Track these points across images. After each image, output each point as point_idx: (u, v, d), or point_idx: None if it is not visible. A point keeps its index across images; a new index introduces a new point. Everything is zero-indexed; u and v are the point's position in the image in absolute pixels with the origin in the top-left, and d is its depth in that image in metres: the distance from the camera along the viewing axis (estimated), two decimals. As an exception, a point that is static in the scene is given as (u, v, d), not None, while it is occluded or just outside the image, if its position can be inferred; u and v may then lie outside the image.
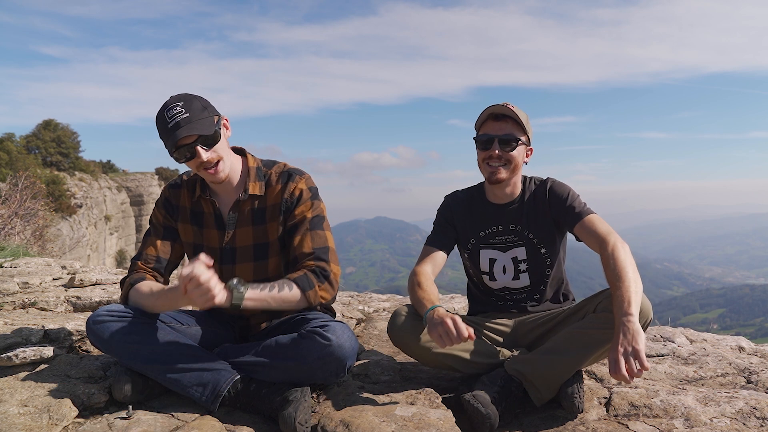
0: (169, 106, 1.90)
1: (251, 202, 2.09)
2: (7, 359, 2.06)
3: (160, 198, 2.21)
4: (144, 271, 2.08)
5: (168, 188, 2.21)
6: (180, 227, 2.16)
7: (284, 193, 2.07)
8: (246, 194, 2.07)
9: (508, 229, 2.27)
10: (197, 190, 2.12)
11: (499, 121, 2.18)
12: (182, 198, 2.16)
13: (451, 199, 2.39)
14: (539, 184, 2.28)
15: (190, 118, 1.88)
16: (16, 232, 8.42)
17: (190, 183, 2.18)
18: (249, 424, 1.80)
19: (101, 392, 1.89)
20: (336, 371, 1.91)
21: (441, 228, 2.35)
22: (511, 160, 2.17)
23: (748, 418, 1.81)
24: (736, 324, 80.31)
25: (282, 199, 2.07)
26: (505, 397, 1.92)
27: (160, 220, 2.16)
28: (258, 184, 2.09)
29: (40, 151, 32.38)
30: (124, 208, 38.94)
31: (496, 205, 2.29)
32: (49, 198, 14.51)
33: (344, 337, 1.89)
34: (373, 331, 2.99)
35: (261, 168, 2.13)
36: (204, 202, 2.13)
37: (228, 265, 2.11)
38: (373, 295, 4.29)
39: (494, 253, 2.29)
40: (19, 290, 3.31)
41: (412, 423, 1.74)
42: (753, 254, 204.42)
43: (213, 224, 2.12)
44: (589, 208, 2.17)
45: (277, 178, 2.10)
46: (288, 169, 2.12)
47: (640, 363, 1.64)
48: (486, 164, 2.20)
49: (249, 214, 2.09)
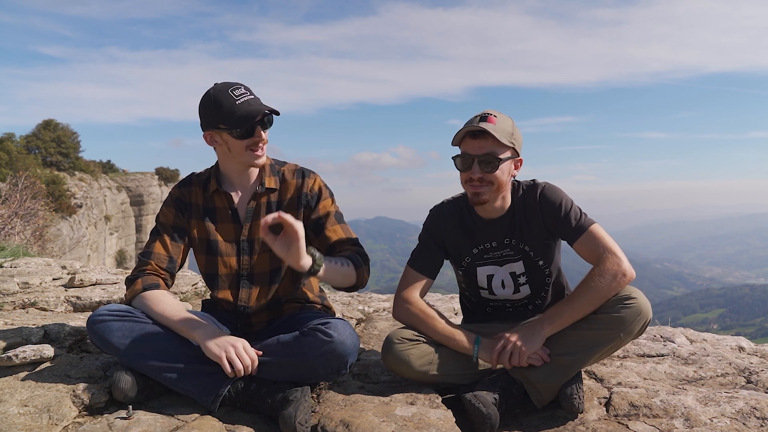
0: (233, 85, 2.02)
1: (267, 196, 2.16)
2: (7, 359, 2.06)
3: (168, 198, 2.22)
4: (157, 274, 2.08)
5: (178, 187, 2.23)
6: (193, 224, 2.17)
7: (303, 187, 2.17)
8: (263, 187, 2.14)
9: (503, 243, 2.17)
10: (213, 185, 2.16)
11: (478, 138, 1.99)
12: (194, 195, 2.19)
13: (438, 216, 2.23)
14: (528, 190, 2.14)
15: (259, 100, 2.03)
16: (16, 232, 8.42)
17: (201, 180, 2.21)
18: (249, 424, 1.79)
19: (101, 392, 1.89)
20: (338, 368, 1.91)
21: (428, 250, 2.20)
22: (493, 180, 2.01)
23: (748, 418, 1.81)
24: (736, 324, 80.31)
25: (301, 193, 2.16)
26: (506, 399, 1.91)
27: (170, 219, 2.17)
28: (273, 179, 2.18)
29: (40, 151, 32.37)
30: (124, 208, 38.93)
31: (486, 220, 2.17)
32: (49, 198, 14.51)
33: (346, 333, 1.89)
34: (373, 331, 2.99)
35: (274, 165, 2.22)
36: (218, 197, 2.16)
37: (246, 256, 2.15)
38: (373, 295, 4.29)
39: (491, 268, 2.21)
40: (19, 290, 3.31)
41: (412, 423, 1.73)
42: (753, 254, 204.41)
43: (228, 218, 2.16)
44: (586, 218, 2.05)
45: (292, 174, 2.20)
46: (301, 167, 2.22)
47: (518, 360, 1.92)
48: (468, 186, 2.06)
49: (265, 206, 2.15)
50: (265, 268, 2.16)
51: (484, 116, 2.01)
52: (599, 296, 1.91)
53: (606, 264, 1.93)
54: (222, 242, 2.15)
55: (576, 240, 2.03)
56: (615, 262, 1.93)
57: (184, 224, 2.17)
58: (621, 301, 1.92)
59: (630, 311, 1.90)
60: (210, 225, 2.16)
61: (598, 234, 2.01)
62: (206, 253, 2.16)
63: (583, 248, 2.02)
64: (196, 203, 2.18)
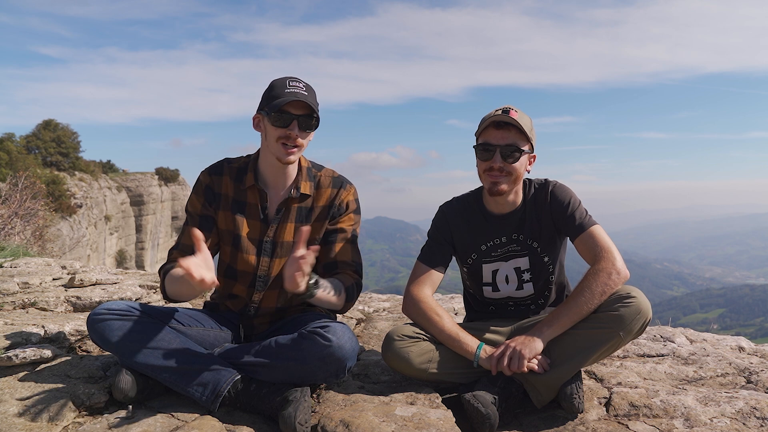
0: (294, 79, 2.02)
1: (300, 200, 2.13)
2: (7, 359, 2.06)
3: (198, 184, 2.17)
4: None
5: (209, 174, 2.17)
6: (220, 215, 2.14)
7: (336, 199, 2.14)
8: (298, 192, 2.11)
9: (511, 239, 2.20)
10: (249, 179, 2.12)
11: (501, 129, 2.05)
12: (224, 185, 2.15)
13: (448, 211, 2.27)
14: (539, 188, 2.20)
15: (308, 97, 1.98)
16: (16, 232, 8.42)
17: (235, 171, 2.16)
18: (249, 424, 1.79)
19: (101, 392, 1.89)
20: (336, 372, 1.91)
21: (437, 244, 2.23)
22: (512, 171, 2.07)
23: (748, 418, 1.81)
24: (736, 324, 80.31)
25: (333, 204, 2.14)
26: (505, 399, 1.91)
27: (198, 208, 2.14)
28: (309, 184, 2.14)
29: (40, 151, 32.37)
30: (124, 208, 38.92)
31: (497, 215, 2.20)
32: (49, 198, 14.51)
33: (345, 337, 1.89)
34: (373, 331, 2.99)
35: (311, 169, 2.18)
36: (251, 193, 2.13)
37: (266, 257, 2.12)
38: (373, 295, 4.29)
39: (496, 264, 2.23)
40: (19, 290, 3.31)
41: (412, 423, 1.73)
42: (753, 254, 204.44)
43: (257, 215, 2.12)
44: (590, 218, 2.10)
45: (329, 182, 2.17)
46: (339, 176, 2.19)
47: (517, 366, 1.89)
48: (487, 175, 2.10)
49: (296, 211, 2.13)
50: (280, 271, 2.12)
51: (507, 110, 2.06)
52: (595, 295, 1.92)
53: (601, 263, 1.97)
54: (245, 238, 2.12)
55: (577, 237, 2.08)
56: (609, 261, 1.97)
57: (212, 214, 2.13)
58: (620, 299, 1.92)
59: (629, 310, 1.90)
60: (239, 218, 2.12)
61: (598, 234, 2.05)
62: (231, 245, 2.13)
63: (582, 246, 2.07)
64: (225, 193, 2.14)
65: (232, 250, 2.13)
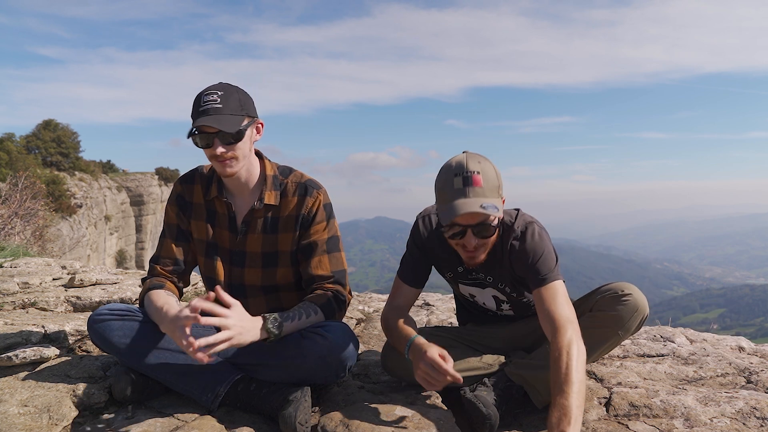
0: (208, 91, 1.87)
1: (265, 211, 2.06)
2: (7, 359, 2.06)
3: (172, 193, 2.15)
4: (163, 276, 2.06)
5: (181, 183, 2.15)
6: (193, 225, 2.12)
7: (301, 208, 2.04)
8: (261, 203, 2.03)
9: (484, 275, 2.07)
10: (213, 190, 2.08)
11: None
12: (196, 195, 2.12)
13: (423, 226, 2.10)
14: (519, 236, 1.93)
15: (220, 110, 1.85)
16: (16, 232, 8.42)
17: (204, 180, 2.12)
18: (249, 424, 1.79)
19: (101, 392, 1.89)
20: (336, 371, 1.91)
21: (414, 259, 2.11)
22: (488, 243, 1.87)
23: (748, 418, 1.81)
24: (736, 324, 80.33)
25: (299, 214, 2.04)
26: (506, 399, 1.91)
27: (173, 219, 2.12)
28: (274, 194, 2.05)
29: (40, 151, 32.37)
30: (124, 208, 38.92)
31: None
32: (49, 198, 14.51)
33: (345, 337, 1.90)
34: (373, 331, 2.99)
35: (278, 176, 2.08)
36: (218, 202, 2.09)
37: (237, 267, 2.09)
38: (373, 295, 4.29)
39: (474, 289, 2.16)
40: (19, 290, 3.32)
41: (412, 423, 1.74)
42: (753, 254, 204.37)
43: (226, 225, 2.09)
44: (556, 272, 1.84)
45: (294, 189, 2.06)
46: (305, 181, 2.07)
47: None
48: (461, 249, 1.89)
49: (262, 222, 2.06)
50: (256, 282, 2.10)
51: (467, 177, 1.75)
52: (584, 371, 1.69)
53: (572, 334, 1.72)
54: (216, 247, 2.10)
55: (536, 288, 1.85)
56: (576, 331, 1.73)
57: (186, 224, 2.12)
58: (617, 298, 1.92)
59: (626, 308, 1.91)
60: (209, 227, 2.10)
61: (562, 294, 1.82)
62: (204, 255, 2.11)
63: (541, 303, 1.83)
64: (197, 202, 2.12)
65: (207, 260, 2.11)
